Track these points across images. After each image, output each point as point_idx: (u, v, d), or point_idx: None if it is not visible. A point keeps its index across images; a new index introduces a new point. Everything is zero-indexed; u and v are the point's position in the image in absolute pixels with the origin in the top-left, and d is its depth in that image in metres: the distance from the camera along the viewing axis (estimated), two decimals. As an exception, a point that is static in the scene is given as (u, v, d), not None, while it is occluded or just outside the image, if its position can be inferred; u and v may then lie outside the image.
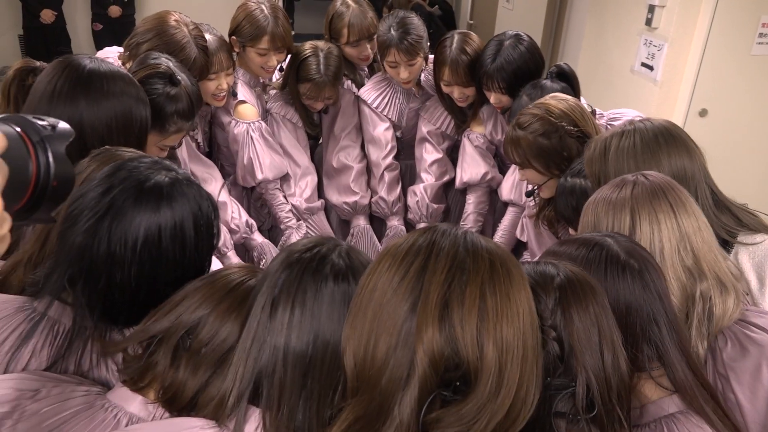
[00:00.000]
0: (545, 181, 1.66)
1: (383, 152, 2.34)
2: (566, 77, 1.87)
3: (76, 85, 1.23)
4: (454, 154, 2.40)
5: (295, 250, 0.87)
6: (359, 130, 2.38)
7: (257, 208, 2.33)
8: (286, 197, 2.28)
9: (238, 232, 2.13)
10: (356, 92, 2.34)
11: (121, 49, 1.85)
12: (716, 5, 3.17)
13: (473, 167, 2.27)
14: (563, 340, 0.80)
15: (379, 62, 2.26)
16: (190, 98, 1.56)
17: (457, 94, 2.13)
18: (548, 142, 1.58)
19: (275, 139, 2.24)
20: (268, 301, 0.82)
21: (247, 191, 2.31)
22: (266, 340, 0.81)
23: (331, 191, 2.38)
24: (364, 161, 2.38)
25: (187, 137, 1.92)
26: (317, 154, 2.45)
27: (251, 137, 2.12)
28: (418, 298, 0.69)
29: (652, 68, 3.42)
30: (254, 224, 2.20)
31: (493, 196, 2.36)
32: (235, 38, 2.06)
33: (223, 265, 1.70)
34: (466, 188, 2.35)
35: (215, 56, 1.90)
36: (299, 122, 2.27)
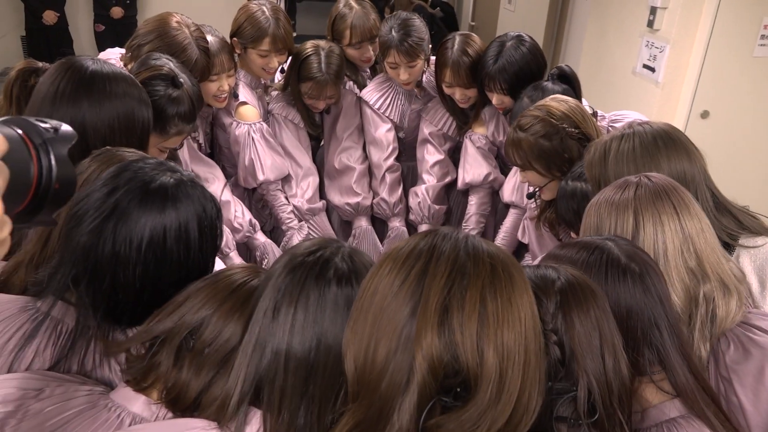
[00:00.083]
0: (546, 183, 1.66)
1: (385, 153, 2.34)
2: (567, 79, 1.87)
3: (78, 86, 1.23)
4: (455, 155, 2.40)
5: (297, 253, 0.86)
6: (361, 131, 2.38)
7: (258, 209, 2.33)
8: (287, 198, 2.28)
9: (241, 230, 2.13)
10: (358, 93, 2.33)
11: (123, 50, 1.85)
12: (718, 7, 3.17)
13: (475, 168, 2.26)
14: (564, 344, 0.80)
15: (381, 63, 2.26)
16: (191, 100, 1.55)
17: (458, 95, 2.13)
18: (549, 143, 1.58)
19: (276, 140, 2.24)
20: (270, 305, 0.82)
21: (248, 192, 2.31)
22: (268, 344, 0.80)
23: (332, 192, 2.38)
24: (366, 162, 2.38)
25: (188, 138, 1.92)
26: (319, 155, 2.45)
27: (252, 138, 2.12)
28: (418, 302, 0.68)
29: (653, 70, 3.42)
30: (257, 223, 2.20)
31: (495, 197, 2.35)
32: (236, 40, 2.07)
33: (225, 265, 1.70)
34: (468, 189, 2.34)
35: (217, 57, 1.90)
36: (301, 123, 2.27)
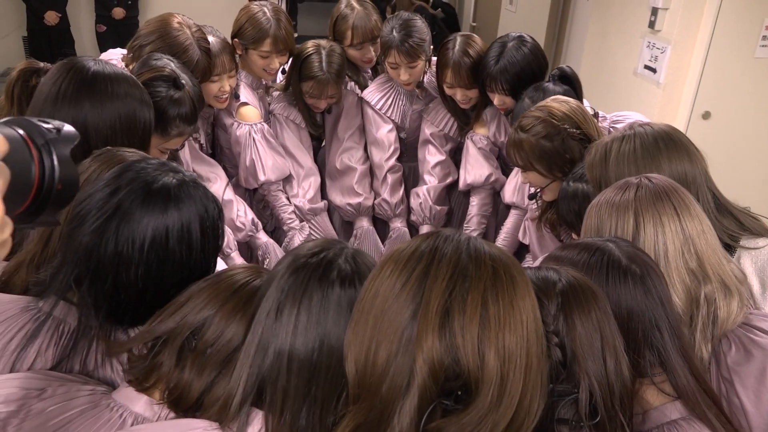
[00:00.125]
0: (548, 183, 1.66)
1: (386, 154, 2.34)
2: (568, 80, 1.87)
3: (80, 87, 1.23)
4: (457, 156, 2.40)
5: (301, 254, 0.86)
6: (362, 131, 2.38)
7: (260, 209, 2.33)
8: (288, 198, 2.28)
9: (243, 230, 2.13)
10: (359, 94, 2.33)
11: (124, 51, 1.86)
12: (719, 8, 3.17)
13: (476, 169, 2.26)
14: (566, 346, 0.79)
15: (382, 64, 2.27)
16: (193, 102, 1.56)
17: (459, 96, 2.13)
18: (551, 144, 1.58)
19: (278, 140, 2.24)
20: (273, 305, 0.82)
21: (249, 193, 2.31)
22: (271, 345, 0.80)
23: (334, 192, 2.38)
24: (367, 163, 2.38)
25: (189, 138, 1.92)
26: (320, 155, 2.45)
27: (253, 139, 2.12)
28: (419, 305, 0.68)
29: (655, 71, 3.42)
30: (259, 223, 2.20)
31: (496, 197, 2.35)
32: (237, 41, 2.07)
33: (227, 266, 1.70)
34: (469, 190, 2.34)
35: (218, 58, 1.90)
36: (302, 123, 2.27)
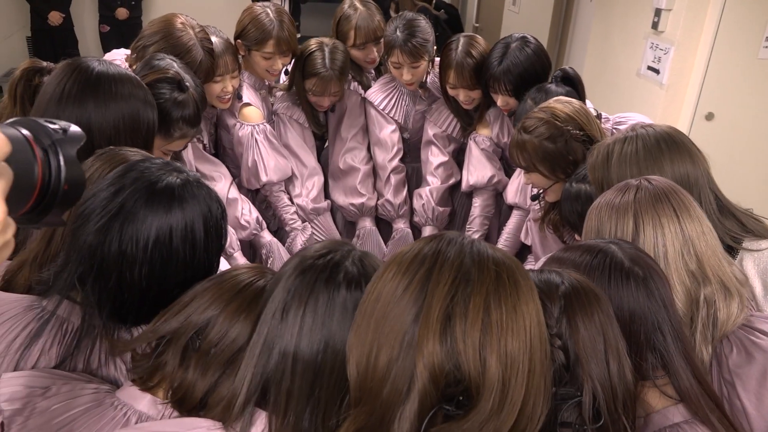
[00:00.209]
0: (551, 185, 1.66)
1: (389, 154, 2.34)
2: (571, 81, 1.86)
3: (84, 87, 1.24)
4: (460, 157, 2.40)
5: (308, 255, 0.85)
6: (365, 131, 2.38)
7: (262, 209, 2.33)
8: (291, 199, 2.29)
9: (248, 228, 2.13)
10: (363, 94, 2.34)
11: (128, 51, 1.86)
12: (723, 8, 3.16)
13: (479, 170, 2.26)
14: (569, 349, 0.79)
15: (385, 64, 2.27)
16: (196, 104, 1.56)
17: (462, 96, 2.13)
18: (554, 146, 1.58)
19: (281, 140, 2.25)
20: (279, 306, 0.81)
21: (252, 192, 2.31)
22: (276, 345, 0.80)
23: (337, 193, 2.38)
24: (370, 163, 2.38)
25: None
26: (323, 155, 2.45)
27: (256, 140, 2.13)
28: (420, 308, 0.67)
29: (658, 72, 3.41)
30: (264, 222, 2.21)
31: (499, 198, 2.35)
32: (240, 42, 2.07)
33: (230, 266, 1.70)
34: (472, 191, 2.35)
35: (221, 59, 1.91)
36: (306, 123, 2.27)
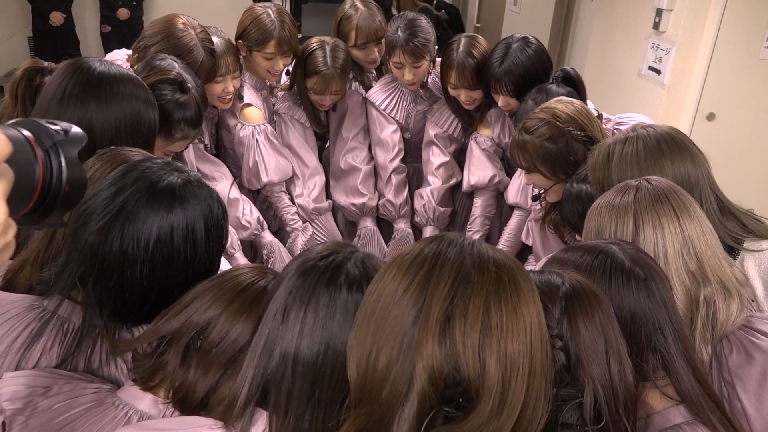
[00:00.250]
0: (551, 185, 1.66)
1: (390, 154, 2.34)
2: (572, 82, 1.86)
3: (86, 87, 1.24)
4: (461, 157, 2.40)
5: (310, 257, 0.85)
6: (367, 132, 2.38)
7: (263, 210, 2.33)
8: (292, 199, 2.29)
9: (249, 228, 2.14)
10: (364, 94, 2.34)
11: (129, 51, 1.86)
12: (724, 9, 3.16)
13: (480, 170, 2.27)
14: (569, 350, 0.78)
15: (387, 64, 2.27)
16: (198, 106, 1.56)
17: (464, 97, 2.13)
18: (555, 146, 1.58)
19: (282, 140, 2.25)
20: (280, 307, 0.82)
21: (252, 193, 2.31)
22: (276, 346, 0.80)
23: (338, 193, 2.39)
24: (371, 163, 2.38)
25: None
26: (324, 155, 2.45)
27: (257, 140, 2.13)
28: (420, 310, 0.67)
29: (659, 72, 3.41)
30: (265, 222, 2.21)
31: (500, 198, 2.35)
32: (241, 42, 2.07)
33: (231, 266, 1.70)
34: (473, 191, 2.35)
35: (222, 59, 1.91)
36: (307, 122, 2.27)
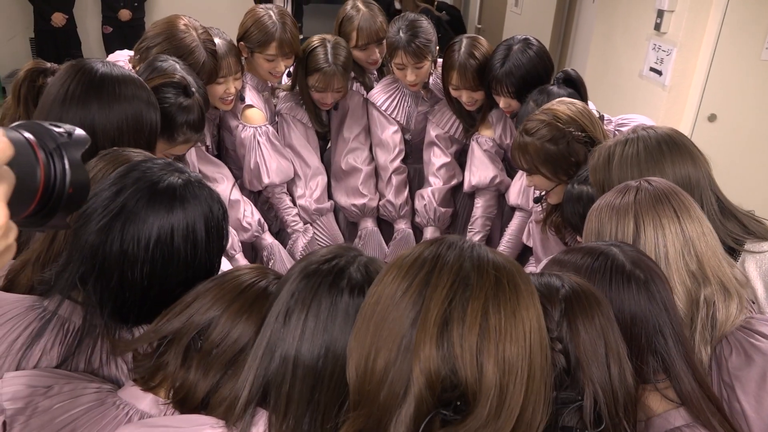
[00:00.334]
0: (553, 187, 1.66)
1: (391, 155, 2.35)
2: (573, 83, 1.86)
3: (88, 88, 1.24)
4: (462, 158, 2.40)
5: (313, 260, 0.86)
6: (368, 132, 2.38)
7: (264, 211, 2.33)
8: (293, 200, 2.29)
9: (249, 230, 2.14)
10: (365, 95, 2.34)
11: (131, 52, 1.87)
12: (726, 10, 3.16)
13: (482, 171, 2.27)
14: (569, 352, 0.78)
15: (388, 65, 2.27)
16: (201, 110, 1.56)
17: (465, 98, 2.14)
18: (556, 147, 1.58)
19: (284, 140, 2.25)
20: (282, 310, 0.82)
21: (254, 194, 2.32)
22: (278, 349, 0.80)
23: (339, 193, 2.39)
24: (372, 164, 2.38)
25: (194, 141, 1.93)
26: (326, 156, 2.45)
27: (258, 141, 2.13)
28: (419, 312, 0.67)
29: (660, 73, 3.41)
30: (265, 224, 2.22)
31: (501, 199, 2.35)
32: (243, 44, 2.07)
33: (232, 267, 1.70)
34: (474, 192, 2.35)
35: (224, 60, 1.91)
36: (309, 123, 2.27)
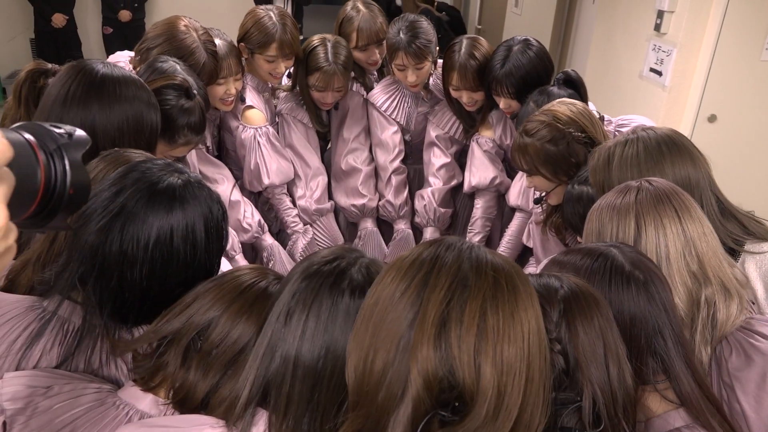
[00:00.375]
0: (553, 188, 1.66)
1: (391, 156, 2.35)
2: (573, 83, 1.86)
3: (89, 89, 1.24)
4: (462, 158, 2.40)
5: (315, 260, 0.86)
6: (368, 133, 2.39)
7: (265, 211, 2.34)
8: (293, 201, 2.29)
9: (250, 231, 2.14)
10: (365, 95, 2.34)
11: (132, 53, 1.87)
12: (726, 11, 3.16)
13: (482, 171, 2.27)
14: (568, 353, 0.78)
15: (388, 66, 2.27)
16: (203, 112, 1.56)
17: (465, 98, 2.14)
18: (556, 148, 1.57)
19: (285, 141, 2.25)
20: (283, 310, 0.82)
21: (254, 195, 2.32)
22: (278, 349, 0.81)
23: (339, 193, 2.39)
24: (372, 164, 2.39)
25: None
26: (326, 157, 2.45)
27: (258, 142, 2.13)
28: (417, 313, 0.66)
29: (660, 74, 3.41)
30: (266, 225, 2.22)
31: (501, 200, 2.36)
32: (243, 45, 2.08)
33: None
34: (474, 193, 2.35)
35: (224, 61, 1.91)
36: (310, 123, 2.28)
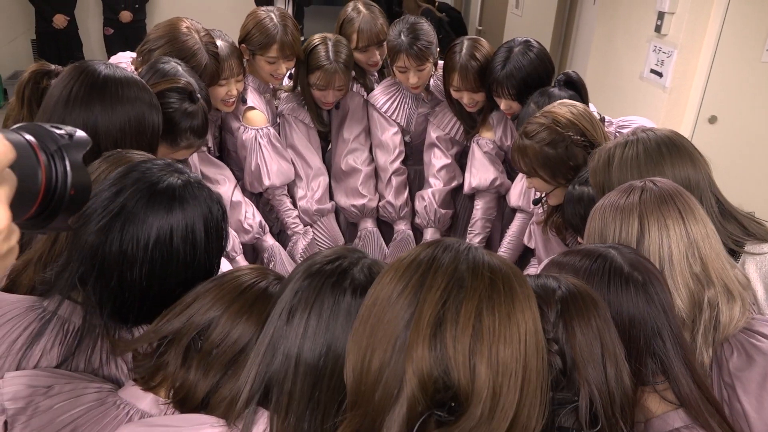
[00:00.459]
0: (552, 189, 1.66)
1: (391, 156, 2.35)
2: (574, 85, 1.86)
3: (91, 90, 1.25)
4: (462, 159, 2.40)
5: (318, 260, 0.86)
6: (368, 133, 2.39)
7: (266, 212, 2.34)
8: (294, 202, 2.29)
9: (251, 232, 2.14)
10: (366, 96, 2.35)
11: (134, 54, 1.88)
12: (726, 12, 3.16)
13: (482, 173, 2.27)
14: (565, 353, 0.79)
15: (389, 67, 2.28)
16: (205, 116, 1.57)
17: (466, 99, 2.14)
18: (554, 151, 1.57)
19: (286, 141, 2.26)
20: (285, 308, 0.83)
21: (255, 195, 2.32)
22: (280, 346, 0.81)
23: (339, 194, 2.39)
24: (372, 165, 2.39)
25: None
26: (326, 157, 2.46)
27: (259, 143, 2.13)
28: (413, 314, 0.67)
29: (661, 75, 3.42)
30: (266, 226, 2.22)
31: (501, 201, 2.36)
32: (245, 46, 2.08)
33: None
34: (474, 194, 2.35)
35: (226, 62, 1.92)
36: (311, 123, 2.28)
